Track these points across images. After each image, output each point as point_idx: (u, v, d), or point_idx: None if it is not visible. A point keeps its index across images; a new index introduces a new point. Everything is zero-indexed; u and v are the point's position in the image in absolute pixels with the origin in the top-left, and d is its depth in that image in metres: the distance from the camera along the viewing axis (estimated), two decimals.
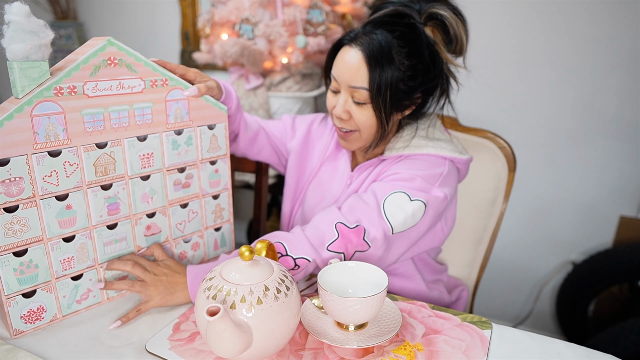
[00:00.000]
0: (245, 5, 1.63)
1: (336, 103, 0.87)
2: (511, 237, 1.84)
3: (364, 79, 0.82)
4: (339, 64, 0.85)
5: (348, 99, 0.86)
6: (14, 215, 0.63)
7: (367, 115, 0.85)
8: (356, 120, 0.86)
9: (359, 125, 0.87)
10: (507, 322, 1.96)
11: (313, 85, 1.83)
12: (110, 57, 0.69)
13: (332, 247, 0.78)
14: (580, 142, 1.68)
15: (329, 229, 0.79)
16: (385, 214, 0.81)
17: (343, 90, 0.86)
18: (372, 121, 0.86)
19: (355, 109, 0.85)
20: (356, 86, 0.83)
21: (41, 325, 0.70)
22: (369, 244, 0.79)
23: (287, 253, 0.76)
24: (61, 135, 0.66)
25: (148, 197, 0.79)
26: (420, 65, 0.83)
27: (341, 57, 0.85)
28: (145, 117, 0.75)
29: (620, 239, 1.70)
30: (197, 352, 0.64)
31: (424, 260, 0.99)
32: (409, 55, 0.82)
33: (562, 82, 1.65)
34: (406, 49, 0.82)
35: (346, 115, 0.87)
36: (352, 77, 0.83)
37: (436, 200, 0.84)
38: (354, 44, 0.83)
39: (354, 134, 0.89)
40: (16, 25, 0.60)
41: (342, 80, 0.85)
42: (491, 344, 0.68)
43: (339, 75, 0.85)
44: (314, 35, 1.65)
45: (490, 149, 1.08)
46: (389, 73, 0.81)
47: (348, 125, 0.88)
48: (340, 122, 0.89)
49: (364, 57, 0.81)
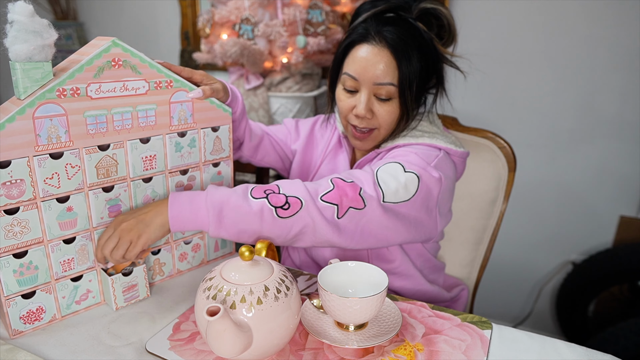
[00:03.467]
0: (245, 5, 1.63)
1: (355, 103, 0.86)
2: (511, 237, 1.84)
3: (392, 74, 0.82)
4: (358, 62, 0.84)
5: (371, 97, 0.85)
6: (15, 217, 0.64)
7: (391, 111, 0.85)
8: (379, 117, 0.86)
9: (381, 122, 0.87)
10: (507, 322, 1.96)
11: (313, 85, 1.83)
12: (114, 58, 0.69)
13: (326, 198, 0.75)
14: (580, 142, 1.68)
15: (324, 182, 0.77)
16: (377, 180, 0.79)
17: (364, 89, 0.85)
18: (395, 116, 0.86)
19: (378, 106, 0.85)
20: (383, 82, 0.82)
21: (40, 325, 0.70)
22: (364, 202, 0.76)
23: (279, 191, 0.74)
24: (63, 137, 0.66)
25: (149, 199, 0.79)
26: (428, 53, 0.85)
27: (360, 56, 0.84)
28: (148, 119, 0.75)
29: (620, 239, 1.70)
30: (197, 352, 0.64)
31: (423, 256, 0.99)
32: (419, 48, 0.83)
33: (562, 82, 1.65)
34: (417, 42, 0.83)
35: (370, 114, 0.86)
36: (378, 75, 0.82)
37: (430, 178, 0.81)
38: (373, 41, 0.83)
39: (373, 133, 0.89)
40: (19, 25, 0.59)
41: (364, 79, 0.84)
42: (491, 344, 0.68)
43: (360, 73, 0.84)
44: (314, 35, 1.65)
45: (490, 149, 1.09)
46: (414, 66, 0.82)
47: (370, 123, 0.88)
48: (361, 121, 0.88)
49: (391, 52, 0.81)
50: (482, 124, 1.19)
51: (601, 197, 1.70)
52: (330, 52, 1.84)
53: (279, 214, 0.73)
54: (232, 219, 0.72)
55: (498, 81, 1.73)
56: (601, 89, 1.61)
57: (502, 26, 1.67)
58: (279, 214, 0.73)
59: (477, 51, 0.89)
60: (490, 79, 1.72)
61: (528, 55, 1.67)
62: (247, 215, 0.72)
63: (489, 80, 1.72)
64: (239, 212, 0.72)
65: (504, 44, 1.69)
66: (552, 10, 1.59)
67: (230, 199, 0.73)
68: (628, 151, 1.62)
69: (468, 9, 1.69)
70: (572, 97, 1.65)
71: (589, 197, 1.72)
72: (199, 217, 0.72)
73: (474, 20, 1.70)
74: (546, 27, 1.62)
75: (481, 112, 1.78)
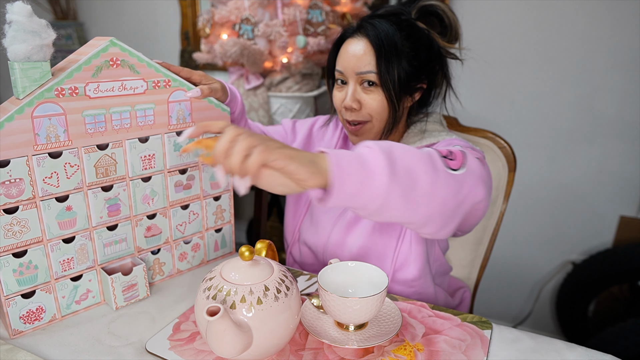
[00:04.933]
0: (245, 5, 1.63)
1: (344, 96, 0.88)
2: (511, 237, 1.84)
3: (371, 62, 0.83)
4: (343, 56, 0.87)
5: (357, 87, 0.87)
6: (14, 216, 0.64)
7: (378, 100, 0.85)
8: (367, 107, 0.86)
9: (370, 113, 0.87)
10: (507, 322, 1.96)
11: (313, 85, 1.83)
12: (112, 57, 0.69)
13: None
14: (580, 142, 1.68)
15: None
16: None
17: (351, 80, 0.87)
18: (384, 106, 0.86)
19: (364, 96, 0.86)
20: (364, 71, 0.84)
21: (40, 325, 0.70)
22: None
23: None
24: (62, 136, 0.66)
25: (149, 199, 0.79)
26: (419, 45, 0.85)
27: (345, 49, 0.87)
28: (147, 119, 0.75)
29: (620, 239, 1.70)
30: (197, 352, 0.64)
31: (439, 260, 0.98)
32: (408, 37, 0.84)
33: (562, 82, 1.65)
34: (404, 32, 0.84)
35: (357, 104, 0.87)
36: (358, 64, 0.84)
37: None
38: (356, 35, 0.86)
39: (366, 126, 0.89)
40: (18, 25, 0.60)
41: (348, 70, 0.86)
42: (491, 344, 0.68)
43: (345, 66, 0.86)
44: (314, 35, 1.65)
45: (490, 149, 1.08)
46: (393, 52, 0.83)
47: (360, 116, 0.88)
48: (351, 114, 0.88)
49: (369, 41, 0.83)
50: (482, 124, 1.19)
51: (601, 197, 1.70)
52: None
53: (448, 165, 0.65)
54: (404, 164, 0.59)
55: (498, 81, 1.73)
56: (601, 89, 1.61)
57: (502, 26, 1.67)
58: (448, 164, 0.65)
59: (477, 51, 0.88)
60: (490, 79, 1.72)
61: (528, 55, 1.67)
62: (419, 161, 0.61)
63: (489, 80, 1.72)
64: (410, 153, 0.61)
65: (504, 44, 1.69)
66: (552, 10, 1.59)
67: (394, 145, 0.62)
68: (628, 151, 1.62)
69: (468, 9, 1.69)
70: (572, 97, 1.65)
71: (589, 197, 1.72)
72: (369, 162, 0.57)
73: (474, 20, 1.70)
74: (546, 27, 1.62)
75: (481, 112, 1.78)
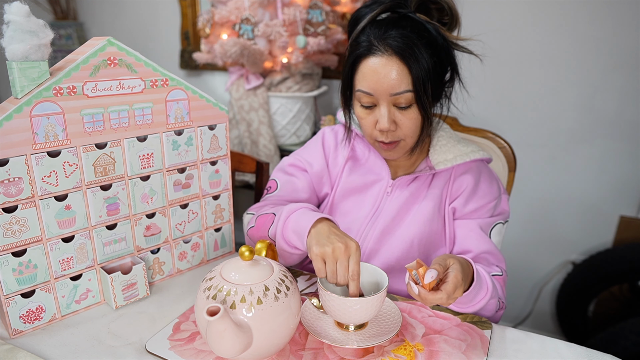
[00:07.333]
0: (245, 5, 1.63)
1: (376, 118, 0.83)
2: (511, 237, 1.84)
3: (406, 81, 0.78)
4: (370, 77, 0.80)
5: (391, 108, 0.81)
6: (13, 215, 0.63)
7: (414, 118, 0.82)
8: (403, 127, 0.83)
9: (405, 132, 0.83)
10: (507, 322, 1.96)
11: (313, 85, 1.83)
12: (110, 57, 0.69)
13: None
14: (580, 142, 1.68)
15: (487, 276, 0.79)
16: None
17: (383, 102, 0.81)
18: (418, 122, 0.83)
19: (400, 116, 0.82)
20: (399, 92, 0.79)
21: (40, 325, 0.70)
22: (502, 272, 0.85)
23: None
24: (60, 135, 0.66)
25: (148, 198, 0.79)
26: (439, 48, 0.81)
27: (370, 69, 0.80)
28: (145, 118, 0.75)
29: (620, 239, 1.70)
30: (197, 352, 0.64)
31: None
32: (427, 45, 0.79)
33: (562, 82, 1.65)
34: (424, 41, 0.79)
35: (394, 126, 0.83)
36: (393, 85, 0.78)
37: None
38: (379, 52, 0.79)
39: (399, 143, 0.85)
40: (15, 25, 0.60)
41: (380, 92, 0.80)
42: (491, 344, 0.68)
43: (374, 88, 0.80)
44: (314, 35, 1.65)
45: (490, 149, 1.08)
46: (425, 64, 0.78)
47: (394, 136, 0.84)
48: (386, 135, 0.84)
49: (399, 59, 0.78)
50: (482, 124, 1.18)
51: (601, 197, 1.70)
52: (330, 52, 1.84)
53: None
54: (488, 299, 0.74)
55: (498, 81, 1.73)
56: (601, 89, 1.61)
57: (502, 26, 1.67)
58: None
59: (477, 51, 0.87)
60: (490, 79, 1.72)
61: (528, 55, 1.67)
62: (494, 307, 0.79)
63: (489, 80, 1.71)
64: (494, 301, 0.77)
65: (504, 43, 1.68)
66: (552, 10, 1.59)
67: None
68: (628, 151, 1.62)
69: (467, 9, 1.69)
70: (572, 97, 1.65)
71: (589, 197, 1.72)
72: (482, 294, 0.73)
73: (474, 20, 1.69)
74: (546, 27, 1.62)
75: (481, 112, 1.78)
